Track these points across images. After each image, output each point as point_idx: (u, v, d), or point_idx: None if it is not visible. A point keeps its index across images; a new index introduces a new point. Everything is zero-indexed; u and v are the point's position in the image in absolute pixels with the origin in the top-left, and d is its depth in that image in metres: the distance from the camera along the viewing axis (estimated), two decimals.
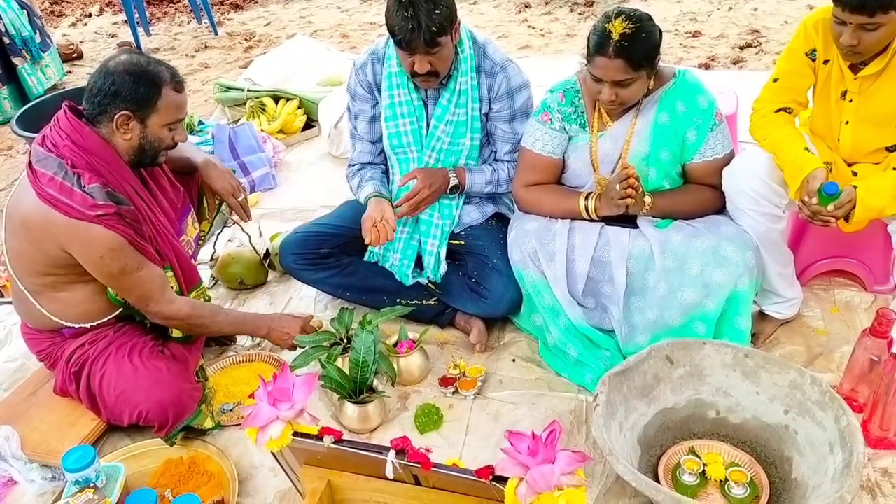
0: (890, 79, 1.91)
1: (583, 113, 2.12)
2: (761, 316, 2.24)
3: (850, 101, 1.99)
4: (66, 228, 1.74)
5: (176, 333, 2.03)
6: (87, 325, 1.95)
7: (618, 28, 1.84)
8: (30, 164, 1.80)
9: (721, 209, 2.11)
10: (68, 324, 1.93)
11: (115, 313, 1.97)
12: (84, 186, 1.74)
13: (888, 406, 1.79)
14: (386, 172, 2.42)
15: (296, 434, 1.48)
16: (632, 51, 1.85)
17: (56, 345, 1.98)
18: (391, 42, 2.10)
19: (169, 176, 2.07)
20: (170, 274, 1.96)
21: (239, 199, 2.22)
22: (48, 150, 1.79)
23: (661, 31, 1.94)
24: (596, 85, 1.95)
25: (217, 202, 2.32)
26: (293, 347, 2.13)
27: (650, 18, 1.91)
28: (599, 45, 1.87)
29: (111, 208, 1.76)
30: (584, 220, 2.12)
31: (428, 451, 1.41)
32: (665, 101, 2.04)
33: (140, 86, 1.79)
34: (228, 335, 2.33)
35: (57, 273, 1.84)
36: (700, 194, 2.11)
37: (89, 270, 1.82)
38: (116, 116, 1.79)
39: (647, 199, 2.04)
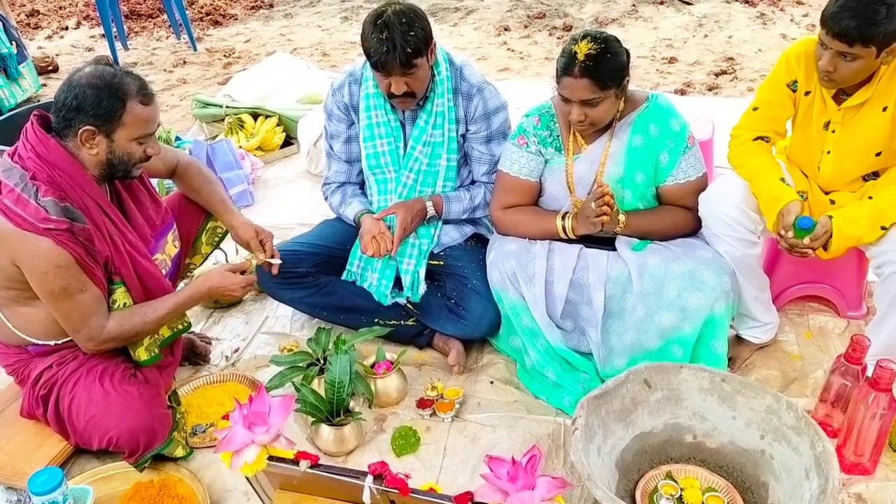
0: (872, 110, 1.95)
1: (558, 136, 2.14)
2: (737, 340, 2.25)
3: (833, 131, 2.02)
4: (16, 240, 1.69)
5: (143, 356, 1.96)
6: (51, 343, 1.89)
7: (583, 49, 1.88)
8: None
9: (696, 231, 2.14)
10: (32, 340, 1.88)
11: None
12: (39, 199, 1.69)
13: (862, 431, 1.81)
14: (362, 191, 2.41)
15: (272, 458, 1.45)
16: (597, 70, 1.89)
17: (22, 362, 1.92)
18: (368, 63, 2.11)
19: (150, 191, 2.02)
20: (122, 289, 1.88)
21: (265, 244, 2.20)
22: (15, 162, 1.75)
23: (628, 53, 1.98)
24: (566, 105, 1.99)
25: (217, 239, 2.32)
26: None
27: (617, 40, 1.95)
28: (566, 65, 1.92)
29: (63, 224, 1.70)
30: (562, 240, 2.13)
31: (407, 476, 1.40)
32: (638, 124, 2.07)
33: (102, 100, 1.72)
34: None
35: (17, 287, 1.78)
36: (674, 215, 2.13)
37: (33, 286, 1.75)
38: (80, 131, 1.73)
39: (622, 216, 2.07)
